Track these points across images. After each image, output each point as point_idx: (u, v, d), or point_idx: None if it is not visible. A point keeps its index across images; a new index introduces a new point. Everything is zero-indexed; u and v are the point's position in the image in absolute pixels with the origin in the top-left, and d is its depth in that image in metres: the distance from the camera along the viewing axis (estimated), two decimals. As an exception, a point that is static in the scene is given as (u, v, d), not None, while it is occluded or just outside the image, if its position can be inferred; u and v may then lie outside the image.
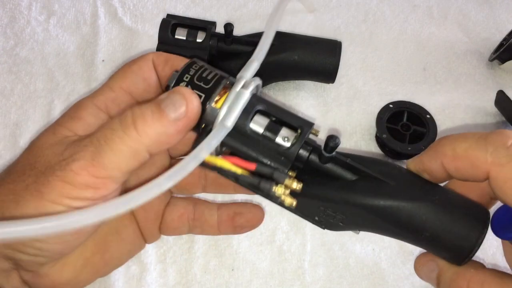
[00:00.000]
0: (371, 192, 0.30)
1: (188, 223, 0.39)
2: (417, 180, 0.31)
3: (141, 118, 0.29)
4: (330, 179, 0.32)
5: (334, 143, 0.30)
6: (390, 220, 0.30)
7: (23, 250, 0.30)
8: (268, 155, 0.31)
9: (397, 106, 0.56)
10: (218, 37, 0.53)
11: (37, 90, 0.59)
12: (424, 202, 0.30)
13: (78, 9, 0.65)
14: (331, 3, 0.69)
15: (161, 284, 0.47)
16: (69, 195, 0.28)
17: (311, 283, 0.48)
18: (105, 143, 0.29)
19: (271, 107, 0.32)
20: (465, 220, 0.30)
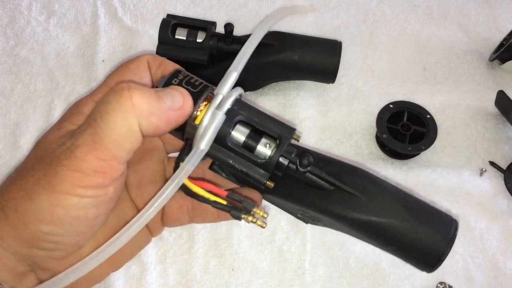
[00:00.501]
0: (343, 205, 0.33)
1: (188, 213, 0.39)
2: (389, 197, 0.33)
3: (138, 90, 0.29)
4: (308, 186, 0.34)
5: (307, 161, 0.32)
6: (359, 230, 0.33)
7: (40, 246, 0.30)
8: (247, 166, 0.32)
9: (397, 106, 0.56)
10: (218, 37, 0.53)
11: (37, 90, 0.59)
12: (392, 220, 0.32)
13: (78, 9, 0.65)
14: (331, 3, 0.69)
15: (161, 284, 0.47)
16: (81, 184, 0.28)
17: (311, 283, 0.48)
18: (101, 119, 0.29)
19: (253, 115, 0.33)
20: (432, 234, 0.32)
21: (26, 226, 0.29)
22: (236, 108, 0.32)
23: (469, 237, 0.51)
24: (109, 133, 0.29)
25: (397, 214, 0.32)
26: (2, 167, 0.53)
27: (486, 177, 0.54)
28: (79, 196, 0.29)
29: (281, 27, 0.65)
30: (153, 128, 0.30)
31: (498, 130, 0.58)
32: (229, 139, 0.32)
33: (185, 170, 0.30)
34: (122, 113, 0.29)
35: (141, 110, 0.29)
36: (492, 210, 0.52)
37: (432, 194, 0.53)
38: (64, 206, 0.29)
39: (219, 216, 0.38)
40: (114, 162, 0.29)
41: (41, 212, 0.29)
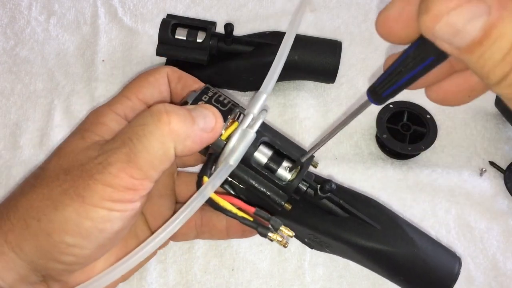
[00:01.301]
0: (357, 233, 0.34)
1: (196, 229, 0.39)
2: (400, 229, 0.34)
3: (175, 114, 0.29)
4: (323, 212, 0.35)
5: (329, 187, 0.33)
6: (370, 259, 0.34)
7: (60, 259, 0.30)
8: (267, 187, 0.33)
9: (397, 106, 0.56)
10: (218, 37, 0.53)
11: (37, 90, 0.59)
12: (403, 251, 0.33)
13: (78, 9, 0.65)
14: (331, 3, 0.69)
15: (161, 284, 0.47)
16: (111, 198, 0.29)
17: (311, 283, 0.48)
18: (138, 141, 0.29)
19: (276, 137, 0.34)
20: (437, 275, 0.33)
21: (49, 236, 0.29)
22: (260, 130, 0.33)
23: (469, 237, 0.51)
24: (145, 155, 0.29)
25: (408, 246, 0.33)
26: (2, 167, 0.53)
27: (486, 177, 0.54)
28: (108, 209, 0.29)
29: (281, 27, 0.65)
30: (187, 151, 0.30)
31: (498, 130, 0.58)
32: (253, 159, 0.32)
33: (213, 183, 0.30)
34: (160, 137, 0.29)
35: (178, 134, 0.29)
36: (492, 210, 0.52)
37: (432, 194, 0.53)
38: (92, 218, 0.29)
39: (227, 234, 0.39)
40: (146, 181, 0.30)
41: (67, 223, 0.29)
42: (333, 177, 0.54)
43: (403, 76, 0.22)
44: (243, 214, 0.32)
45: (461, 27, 0.18)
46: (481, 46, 0.18)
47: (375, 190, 0.53)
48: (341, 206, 0.34)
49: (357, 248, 0.33)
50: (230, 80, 0.58)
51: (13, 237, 0.29)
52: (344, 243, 0.34)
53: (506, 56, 0.18)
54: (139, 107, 0.34)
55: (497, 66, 0.18)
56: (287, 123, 0.57)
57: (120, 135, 0.30)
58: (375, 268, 0.35)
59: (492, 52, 0.18)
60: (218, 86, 0.58)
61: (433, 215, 0.52)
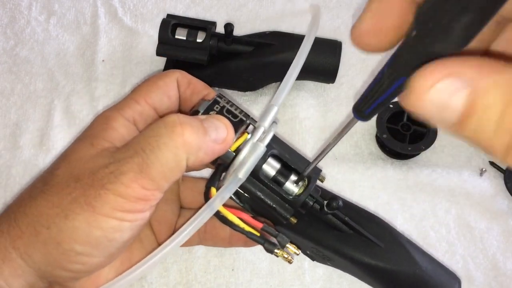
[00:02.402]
0: (361, 250, 0.34)
1: (199, 236, 0.39)
2: (403, 248, 0.35)
3: (189, 126, 0.30)
4: (327, 227, 0.35)
5: (336, 205, 0.33)
6: (372, 276, 0.34)
7: (68, 267, 0.30)
8: (274, 200, 0.33)
9: (397, 106, 0.56)
10: (218, 37, 0.53)
11: (37, 90, 0.59)
12: (404, 270, 0.33)
13: (78, 9, 0.65)
14: (331, 3, 0.69)
15: (161, 284, 0.47)
16: (122, 208, 0.29)
17: (311, 283, 0.48)
18: (151, 152, 0.29)
19: (284, 150, 0.34)
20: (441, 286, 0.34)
21: (58, 244, 0.29)
22: (270, 142, 0.33)
23: (469, 237, 0.51)
24: (158, 166, 0.29)
25: (410, 265, 0.33)
26: (2, 167, 0.53)
27: (486, 177, 0.54)
28: (119, 219, 0.29)
29: (281, 27, 0.65)
30: (199, 162, 0.31)
31: (498, 130, 0.58)
32: (261, 172, 0.33)
33: (221, 197, 0.30)
34: (174, 149, 0.29)
35: (191, 146, 0.29)
36: (492, 210, 0.52)
37: (432, 194, 0.53)
38: (102, 228, 0.29)
39: (229, 243, 0.39)
40: (157, 192, 0.30)
41: (77, 232, 0.28)
42: (334, 176, 0.54)
43: (380, 95, 0.22)
44: (250, 229, 0.32)
45: (446, 103, 0.17)
46: (470, 120, 0.17)
47: (375, 190, 0.53)
48: (346, 223, 0.34)
49: (359, 265, 0.34)
50: (230, 80, 0.57)
51: (21, 244, 0.29)
52: (347, 259, 0.34)
53: (498, 126, 0.17)
54: (147, 111, 0.34)
55: (493, 139, 0.17)
56: (287, 123, 0.57)
57: (132, 144, 0.30)
58: (375, 284, 0.35)
59: (483, 125, 0.17)
60: (218, 86, 0.58)
61: (433, 215, 0.52)
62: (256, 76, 0.56)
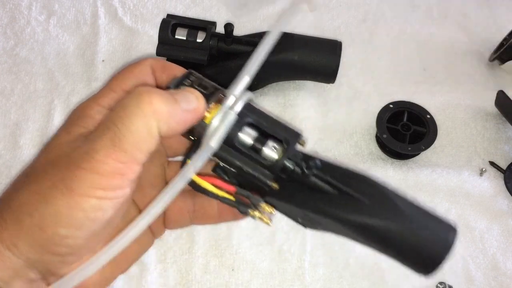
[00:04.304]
0: (346, 208, 0.33)
1: (189, 215, 0.39)
2: (390, 201, 0.33)
3: (157, 94, 0.30)
4: (312, 190, 0.34)
5: (313, 163, 0.33)
6: (360, 234, 0.33)
7: (55, 250, 0.30)
8: (253, 168, 0.33)
9: (397, 106, 0.56)
10: (218, 37, 0.53)
11: (37, 90, 0.59)
12: (392, 224, 0.32)
13: (78, 9, 0.65)
14: (331, 3, 0.69)
15: (161, 284, 0.47)
16: (100, 186, 0.29)
17: (311, 283, 0.48)
18: (122, 124, 0.29)
19: (261, 118, 0.34)
20: (430, 243, 0.32)
21: (42, 230, 0.29)
22: (245, 111, 0.33)
23: (469, 237, 0.51)
24: (129, 137, 0.29)
25: (398, 218, 0.32)
26: (2, 167, 0.53)
27: (486, 177, 0.54)
28: (98, 198, 0.29)
29: (281, 27, 0.65)
30: (171, 131, 0.31)
31: (498, 130, 0.58)
32: (237, 140, 0.33)
33: (194, 165, 0.31)
34: (143, 117, 0.29)
35: (161, 113, 0.30)
36: (492, 210, 0.52)
37: (432, 194, 0.53)
38: (83, 208, 0.29)
39: (219, 218, 0.39)
40: (133, 164, 0.30)
41: (59, 215, 0.29)
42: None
43: None
44: (224, 194, 0.33)
45: None
46: None
47: (375, 190, 0.53)
48: (329, 183, 0.34)
49: (346, 223, 0.33)
50: (230, 80, 0.57)
51: (7, 236, 0.29)
52: (332, 219, 0.33)
53: None
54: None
55: None
56: (287, 123, 0.57)
57: (103, 122, 0.30)
58: (367, 242, 0.34)
59: None
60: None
61: (433, 215, 0.52)
62: (256, 76, 0.56)
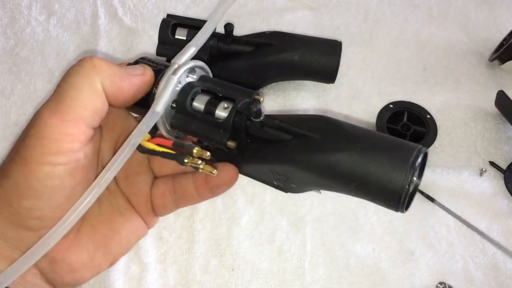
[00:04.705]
0: (297, 149, 0.31)
1: (172, 198, 0.39)
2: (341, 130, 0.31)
3: (98, 57, 0.31)
4: (272, 143, 0.33)
5: (256, 108, 0.32)
6: (317, 173, 0.30)
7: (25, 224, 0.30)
8: (207, 130, 0.33)
9: (397, 106, 0.56)
10: (218, 37, 0.53)
11: (37, 90, 0.59)
12: (345, 152, 0.29)
13: (78, 9, 0.65)
14: (331, 3, 0.69)
15: (161, 284, 0.47)
16: (50, 151, 0.28)
17: (311, 283, 0.48)
18: (64, 81, 0.30)
19: (214, 84, 0.34)
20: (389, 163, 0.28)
21: (9, 205, 0.29)
22: (198, 81, 0.34)
23: (469, 237, 0.50)
24: (72, 92, 0.29)
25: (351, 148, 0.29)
26: (2, 167, 0.53)
27: (486, 177, 0.54)
28: (50, 164, 0.29)
29: (281, 27, 0.65)
30: (116, 89, 0.31)
31: (498, 130, 0.58)
32: (190, 107, 0.33)
33: (139, 130, 0.31)
34: (84, 72, 0.30)
35: (103, 70, 0.30)
36: (492, 210, 0.52)
37: (432, 194, 0.53)
38: (38, 177, 0.29)
39: (198, 196, 0.39)
40: (79, 123, 0.29)
41: (19, 188, 0.29)
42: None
43: None
44: (163, 149, 0.33)
45: None
46: None
47: (375, 190, 0.53)
48: (282, 129, 0.33)
49: (300, 166, 0.31)
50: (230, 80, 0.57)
51: None
52: (289, 165, 0.32)
53: None
54: None
55: None
56: (287, 123, 0.57)
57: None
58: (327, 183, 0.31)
59: None
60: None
61: (433, 215, 0.52)
62: (256, 76, 0.56)
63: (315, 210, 0.51)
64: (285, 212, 0.51)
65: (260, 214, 0.51)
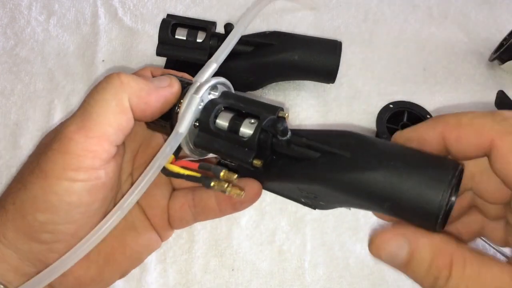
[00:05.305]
0: (327, 168, 0.30)
1: (191, 211, 0.39)
2: (372, 147, 0.29)
3: (125, 74, 0.30)
4: (298, 161, 0.32)
5: (282, 127, 0.31)
6: (348, 193, 0.29)
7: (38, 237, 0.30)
8: (232, 149, 0.32)
9: (397, 106, 0.56)
10: (218, 37, 0.53)
11: (37, 90, 0.59)
12: (377, 171, 0.28)
13: (78, 9, 0.65)
14: (331, 3, 0.69)
15: (161, 284, 0.47)
16: (71, 166, 0.28)
17: (311, 283, 0.48)
18: (91, 97, 0.29)
19: (238, 101, 0.33)
20: (425, 183, 0.26)
21: (23, 217, 0.29)
22: (220, 98, 0.33)
23: (469, 237, 0.51)
24: (98, 109, 0.29)
25: (384, 166, 0.28)
26: (2, 167, 0.53)
27: (486, 177, 0.54)
28: (70, 180, 0.29)
29: (281, 27, 0.65)
30: (144, 103, 0.30)
31: (498, 130, 0.58)
32: (214, 126, 0.32)
33: (164, 154, 0.30)
34: (111, 90, 0.29)
35: (130, 86, 0.30)
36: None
37: (432, 194, 0.53)
38: (56, 192, 0.28)
39: (220, 211, 0.38)
40: (103, 140, 0.29)
41: (36, 201, 0.29)
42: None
43: None
44: (189, 172, 0.32)
45: (394, 253, 0.26)
46: (410, 264, 0.26)
47: (375, 190, 0.53)
48: (310, 147, 0.31)
49: (330, 185, 0.30)
50: (230, 80, 0.57)
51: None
52: (319, 184, 0.30)
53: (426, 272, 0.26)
54: None
55: (424, 277, 0.26)
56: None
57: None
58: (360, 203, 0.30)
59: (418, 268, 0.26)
60: (218, 86, 0.58)
61: (433, 215, 0.52)
62: (256, 76, 0.56)
63: (315, 210, 0.51)
64: (285, 212, 0.51)
65: (260, 214, 0.51)
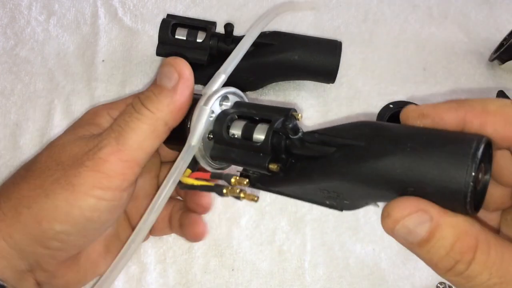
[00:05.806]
0: (342, 160, 0.28)
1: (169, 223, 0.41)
2: (387, 132, 0.28)
3: (147, 99, 0.31)
4: (315, 160, 0.31)
5: (292, 124, 0.30)
6: (368, 183, 0.28)
7: (47, 244, 0.30)
8: (248, 156, 0.32)
9: (397, 106, 0.56)
10: (218, 37, 0.53)
11: (37, 90, 0.59)
12: (394, 155, 0.26)
13: (78, 9, 0.65)
14: (331, 3, 0.69)
15: (161, 284, 0.47)
16: (101, 185, 0.29)
17: (311, 283, 0.48)
18: (126, 125, 0.30)
19: (249, 108, 0.33)
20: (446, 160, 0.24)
21: (38, 223, 0.29)
22: (233, 108, 0.33)
23: (469, 237, 0.50)
24: (134, 135, 0.30)
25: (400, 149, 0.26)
26: (2, 167, 0.53)
27: (486, 177, 0.54)
28: (97, 198, 0.29)
29: (281, 27, 0.65)
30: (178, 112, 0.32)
31: (498, 130, 0.57)
32: (227, 135, 0.32)
33: (178, 168, 0.31)
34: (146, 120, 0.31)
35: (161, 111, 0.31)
36: (492, 210, 0.52)
37: (432, 194, 0.53)
38: (80, 206, 0.29)
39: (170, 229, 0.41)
40: (134, 164, 0.30)
41: (57, 210, 0.29)
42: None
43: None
44: (202, 182, 0.32)
45: (412, 229, 0.24)
46: (428, 243, 0.24)
47: (375, 190, 0.53)
48: (324, 142, 0.30)
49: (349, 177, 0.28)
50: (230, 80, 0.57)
51: (4, 226, 0.30)
52: (339, 180, 0.29)
53: (447, 254, 0.23)
54: None
55: (442, 260, 0.23)
56: (287, 123, 0.57)
57: (111, 125, 0.32)
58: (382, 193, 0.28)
59: (437, 248, 0.24)
60: (218, 86, 0.58)
61: (433, 215, 0.52)
62: (256, 76, 0.56)
63: (315, 210, 0.51)
64: (285, 212, 0.51)
65: (260, 214, 0.51)
